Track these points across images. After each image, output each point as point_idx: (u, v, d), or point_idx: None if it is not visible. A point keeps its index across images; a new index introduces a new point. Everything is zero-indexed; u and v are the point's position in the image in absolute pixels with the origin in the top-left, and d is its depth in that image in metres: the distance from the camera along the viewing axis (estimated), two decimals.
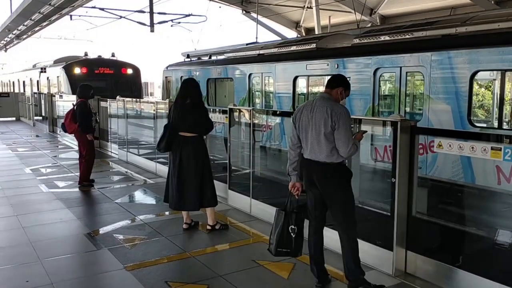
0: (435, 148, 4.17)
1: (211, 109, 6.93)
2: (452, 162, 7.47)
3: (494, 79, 7.63)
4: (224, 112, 7.10)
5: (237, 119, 7.01)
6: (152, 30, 18.54)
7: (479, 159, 6.33)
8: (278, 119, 7.05)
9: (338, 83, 4.14)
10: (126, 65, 20.94)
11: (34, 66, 27.33)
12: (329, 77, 4.47)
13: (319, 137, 3.96)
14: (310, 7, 22.83)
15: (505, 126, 7.40)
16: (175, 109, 5.74)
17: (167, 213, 6.52)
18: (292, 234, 4.15)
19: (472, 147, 3.85)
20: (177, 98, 5.85)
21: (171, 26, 20.32)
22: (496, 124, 7.48)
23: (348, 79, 4.36)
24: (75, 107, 8.23)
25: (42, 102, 18.91)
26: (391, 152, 4.46)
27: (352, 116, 4.18)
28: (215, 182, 6.01)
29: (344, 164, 4.07)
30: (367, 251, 4.48)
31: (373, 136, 6.61)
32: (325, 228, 4.28)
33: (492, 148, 3.72)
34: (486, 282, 3.85)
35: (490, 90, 7.95)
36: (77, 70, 18.82)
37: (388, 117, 4.54)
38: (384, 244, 4.53)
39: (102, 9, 19.17)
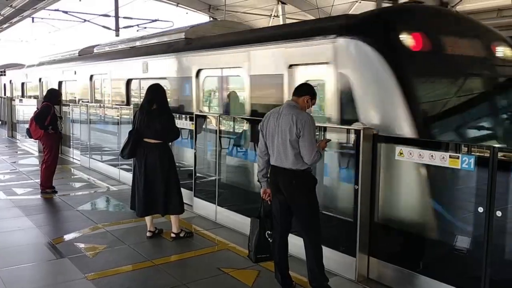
0: (397, 156, 4.28)
1: (177, 115, 6.87)
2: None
3: None
4: (190, 118, 7.07)
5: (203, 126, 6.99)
6: (117, 35, 18.33)
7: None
8: (245, 126, 7.05)
9: (305, 92, 4.21)
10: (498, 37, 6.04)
11: (89, 50, 13.17)
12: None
13: (285, 144, 4.01)
14: (277, 16, 23.09)
15: None
16: (141, 114, 5.66)
17: (130, 221, 6.41)
18: (269, 239, 4.25)
19: (432, 155, 3.97)
20: (143, 103, 5.76)
21: (137, 31, 20.10)
22: None
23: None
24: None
25: (1, 106, 18.27)
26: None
27: (316, 124, 4.25)
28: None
29: (310, 171, 4.12)
30: (330, 257, 4.53)
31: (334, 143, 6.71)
32: (289, 234, 4.32)
33: (450, 157, 3.85)
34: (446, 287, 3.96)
35: None
36: (407, 41, 4.80)
37: (352, 125, 4.63)
38: (347, 250, 4.60)
39: (65, 12, 18.79)
